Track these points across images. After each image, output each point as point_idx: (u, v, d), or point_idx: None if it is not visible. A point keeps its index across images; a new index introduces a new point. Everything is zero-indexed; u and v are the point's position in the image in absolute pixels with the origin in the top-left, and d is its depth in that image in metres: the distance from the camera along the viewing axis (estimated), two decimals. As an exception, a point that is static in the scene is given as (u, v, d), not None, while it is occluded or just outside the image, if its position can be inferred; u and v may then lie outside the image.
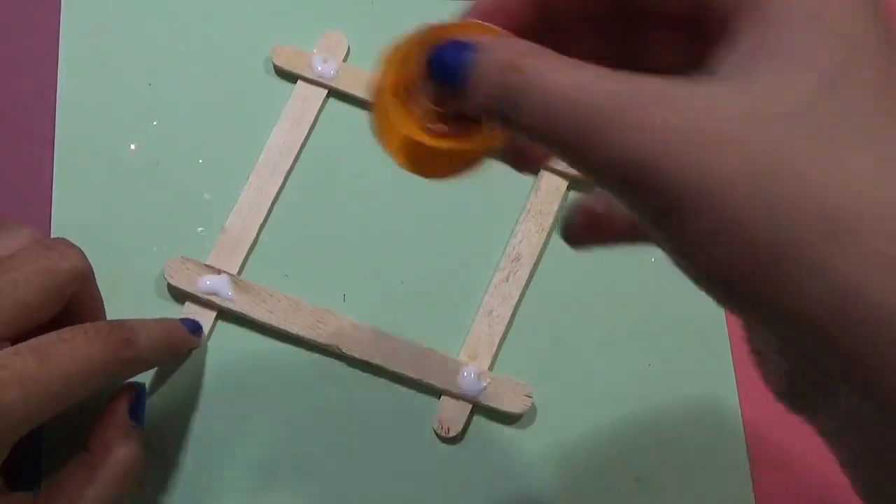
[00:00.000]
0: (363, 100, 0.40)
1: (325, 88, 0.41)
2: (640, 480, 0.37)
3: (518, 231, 0.39)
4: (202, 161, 0.39)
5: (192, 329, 0.36)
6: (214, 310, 0.37)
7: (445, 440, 0.37)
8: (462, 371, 0.37)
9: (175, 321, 0.35)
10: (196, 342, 0.36)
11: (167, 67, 0.40)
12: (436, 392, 0.37)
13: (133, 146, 0.39)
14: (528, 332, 0.38)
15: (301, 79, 0.40)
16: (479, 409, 0.37)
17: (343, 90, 0.40)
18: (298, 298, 0.37)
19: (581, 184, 0.40)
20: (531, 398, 0.37)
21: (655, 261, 0.38)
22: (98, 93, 0.39)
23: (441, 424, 0.36)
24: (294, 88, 0.40)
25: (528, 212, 0.39)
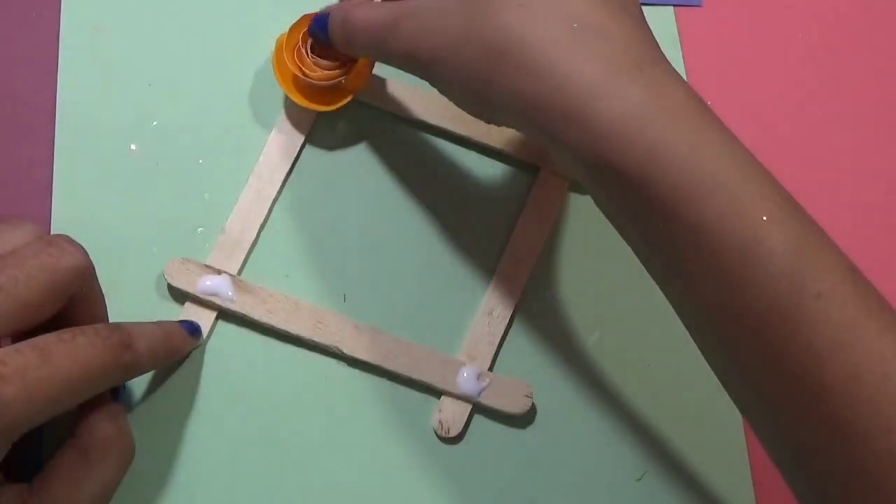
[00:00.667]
0: (364, 101, 0.40)
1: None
2: (641, 480, 0.37)
3: (518, 231, 0.39)
4: (202, 161, 0.39)
5: (191, 331, 0.35)
6: (215, 310, 0.37)
7: (445, 440, 0.37)
8: (462, 371, 0.37)
9: (174, 324, 0.35)
10: (195, 344, 0.36)
11: (167, 67, 0.40)
12: (436, 392, 0.37)
13: (133, 146, 0.39)
14: (528, 332, 0.38)
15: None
16: (479, 409, 0.37)
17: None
18: (298, 299, 0.37)
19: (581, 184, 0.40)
20: (531, 398, 0.37)
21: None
22: (98, 93, 0.39)
23: (441, 424, 0.36)
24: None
25: (528, 211, 0.39)
